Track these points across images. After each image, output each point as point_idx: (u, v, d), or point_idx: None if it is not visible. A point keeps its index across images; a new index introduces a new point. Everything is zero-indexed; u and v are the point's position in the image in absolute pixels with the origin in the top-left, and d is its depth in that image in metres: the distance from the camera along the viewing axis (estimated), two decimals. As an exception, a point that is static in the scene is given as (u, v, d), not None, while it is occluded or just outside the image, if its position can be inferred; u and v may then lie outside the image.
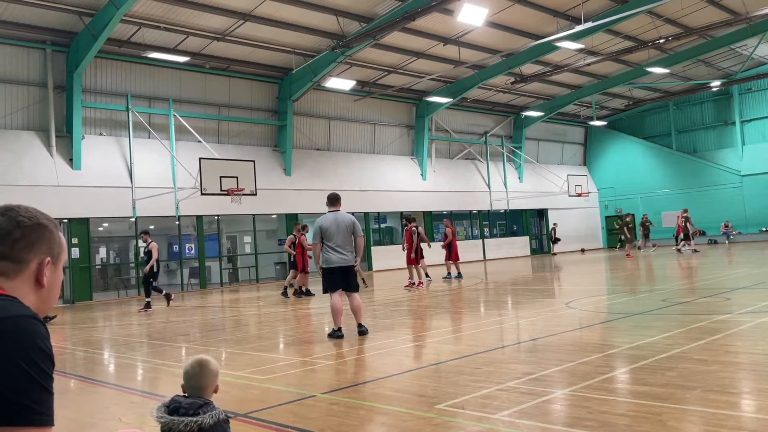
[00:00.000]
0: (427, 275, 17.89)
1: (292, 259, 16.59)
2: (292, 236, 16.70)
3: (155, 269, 15.48)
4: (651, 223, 29.31)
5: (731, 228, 34.49)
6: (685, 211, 27.55)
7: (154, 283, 15.65)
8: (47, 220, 1.55)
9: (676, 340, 6.69)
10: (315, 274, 15.10)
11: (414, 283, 16.84)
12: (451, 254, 18.87)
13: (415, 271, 17.25)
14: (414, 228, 17.26)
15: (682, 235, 27.15)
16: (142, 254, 17.21)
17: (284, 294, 16.55)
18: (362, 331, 8.66)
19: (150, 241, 15.53)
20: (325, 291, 8.83)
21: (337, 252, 8.61)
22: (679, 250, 27.03)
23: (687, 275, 16.32)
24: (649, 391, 4.76)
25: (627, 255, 25.63)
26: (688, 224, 26.85)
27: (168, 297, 16.02)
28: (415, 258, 17.06)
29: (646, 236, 28.90)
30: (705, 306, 9.52)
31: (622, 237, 27.31)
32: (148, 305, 15.28)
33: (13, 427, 1.27)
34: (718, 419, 4.00)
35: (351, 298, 8.71)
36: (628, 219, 28.18)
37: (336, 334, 8.53)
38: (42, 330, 1.37)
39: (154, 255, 15.34)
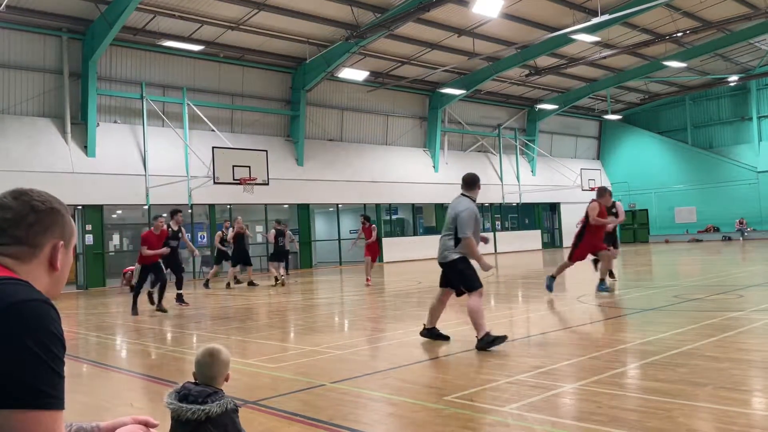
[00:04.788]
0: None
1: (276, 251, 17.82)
2: (273, 231, 17.72)
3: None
4: None
5: (746, 225, 34.15)
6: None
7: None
8: (59, 204, 1.57)
9: (687, 337, 6.64)
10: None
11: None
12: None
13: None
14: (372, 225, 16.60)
15: None
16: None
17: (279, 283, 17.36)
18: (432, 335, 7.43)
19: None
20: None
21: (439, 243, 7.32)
22: None
23: (700, 272, 16.20)
24: (659, 386, 4.73)
25: None
26: None
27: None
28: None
29: None
30: (717, 303, 9.44)
31: None
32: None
33: (24, 410, 1.28)
34: (729, 416, 3.97)
35: (449, 297, 7.39)
36: None
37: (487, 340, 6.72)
38: (53, 314, 1.38)
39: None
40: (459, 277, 7.07)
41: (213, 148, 19.96)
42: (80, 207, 20.26)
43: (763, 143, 34.90)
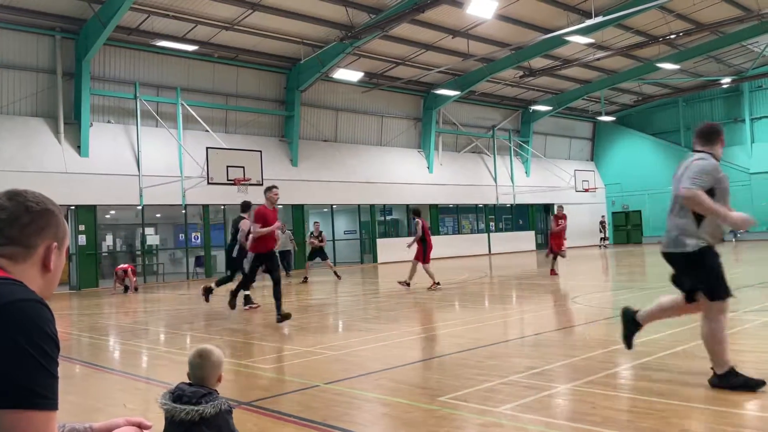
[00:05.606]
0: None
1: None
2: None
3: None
4: None
5: (738, 226, 34.29)
6: None
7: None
8: (53, 205, 1.57)
9: (680, 337, 6.67)
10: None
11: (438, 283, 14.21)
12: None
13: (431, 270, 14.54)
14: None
15: None
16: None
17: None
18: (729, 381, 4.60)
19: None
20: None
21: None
22: None
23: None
24: (652, 387, 4.75)
25: None
26: None
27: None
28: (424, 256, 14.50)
29: None
30: (710, 304, 9.47)
31: None
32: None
33: (18, 410, 1.28)
34: (722, 417, 3.99)
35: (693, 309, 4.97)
36: None
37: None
38: (47, 314, 1.38)
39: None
40: (700, 276, 4.75)
41: (207, 148, 19.91)
42: (73, 207, 20.17)
43: (756, 145, 35.09)
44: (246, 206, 11.80)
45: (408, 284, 14.49)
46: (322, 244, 19.14)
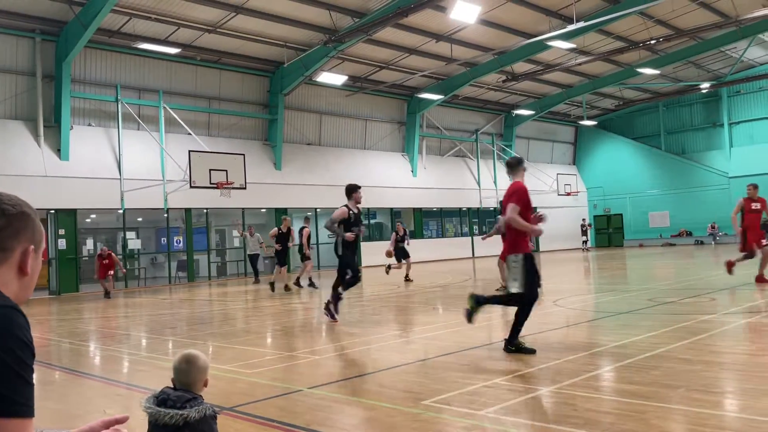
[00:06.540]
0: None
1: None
2: (276, 229, 17.28)
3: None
4: None
5: (717, 229, 34.77)
6: None
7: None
8: (29, 208, 1.54)
9: (661, 340, 6.73)
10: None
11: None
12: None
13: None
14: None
15: None
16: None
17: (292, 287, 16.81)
18: None
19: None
20: None
21: None
22: None
23: (673, 275, 16.44)
24: (633, 389, 4.79)
25: None
26: None
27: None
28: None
29: None
30: (690, 306, 9.59)
31: None
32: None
33: (-6, 417, 1.26)
34: (701, 418, 4.03)
35: None
36: None
37: None
38: (21, 320, 1.36)
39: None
40: None
41: (189, 151, 19.79)
42: (53, 211, 19.92)
43: (735, 149, 35.60)
44: (351, 189, 9.85)
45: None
46: (402, 244, 18.02)
